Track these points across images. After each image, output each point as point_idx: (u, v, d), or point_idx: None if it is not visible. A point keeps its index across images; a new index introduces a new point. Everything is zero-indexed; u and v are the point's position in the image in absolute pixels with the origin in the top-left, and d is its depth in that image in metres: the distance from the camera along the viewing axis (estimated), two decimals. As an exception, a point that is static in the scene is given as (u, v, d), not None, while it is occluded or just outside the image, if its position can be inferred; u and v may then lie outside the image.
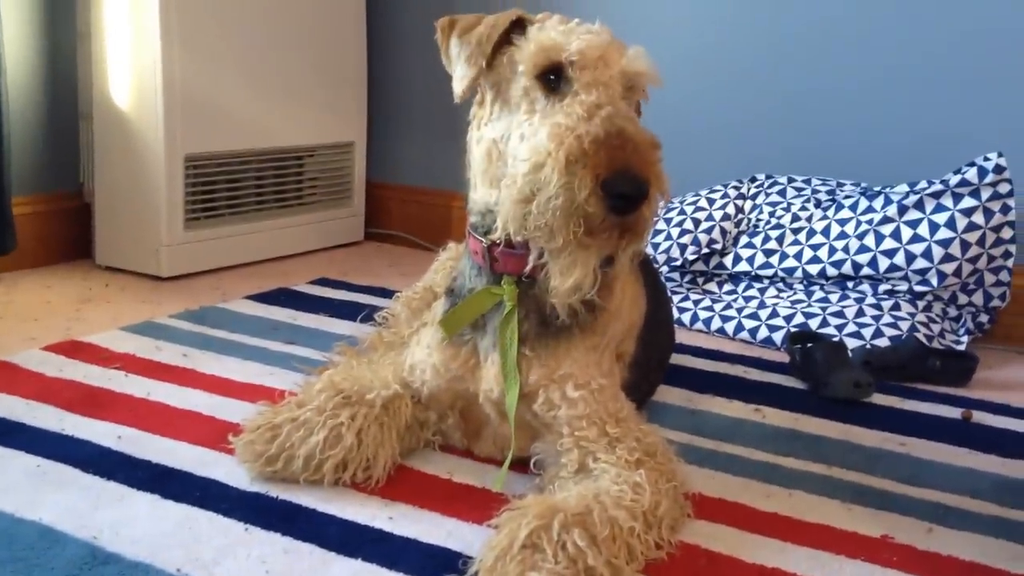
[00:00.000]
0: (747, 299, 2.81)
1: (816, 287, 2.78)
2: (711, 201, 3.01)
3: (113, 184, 3.07)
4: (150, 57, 2.91)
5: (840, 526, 1.63)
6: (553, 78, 1.50)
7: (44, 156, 3.14)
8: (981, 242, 2.60)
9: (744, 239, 2.92)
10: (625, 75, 1.51)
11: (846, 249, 2.71)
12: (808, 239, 2.79)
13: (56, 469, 1.68)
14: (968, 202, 2.59)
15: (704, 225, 2.95)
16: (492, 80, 1.61)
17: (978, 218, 2.59)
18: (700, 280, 3.00)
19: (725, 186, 3.05)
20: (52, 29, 3.09)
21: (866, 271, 2.69)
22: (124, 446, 1.78)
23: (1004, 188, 2.58)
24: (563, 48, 1.49)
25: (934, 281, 2.62)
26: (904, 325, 2.56)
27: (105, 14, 2.97)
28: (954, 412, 2.20)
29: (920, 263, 2.62)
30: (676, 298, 2.86)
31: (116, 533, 1.48)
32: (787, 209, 2.90)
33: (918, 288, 2.65)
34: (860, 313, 2.61)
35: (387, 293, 2.89)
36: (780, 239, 2.85)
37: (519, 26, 1.59)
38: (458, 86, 1.60)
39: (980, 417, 2.19)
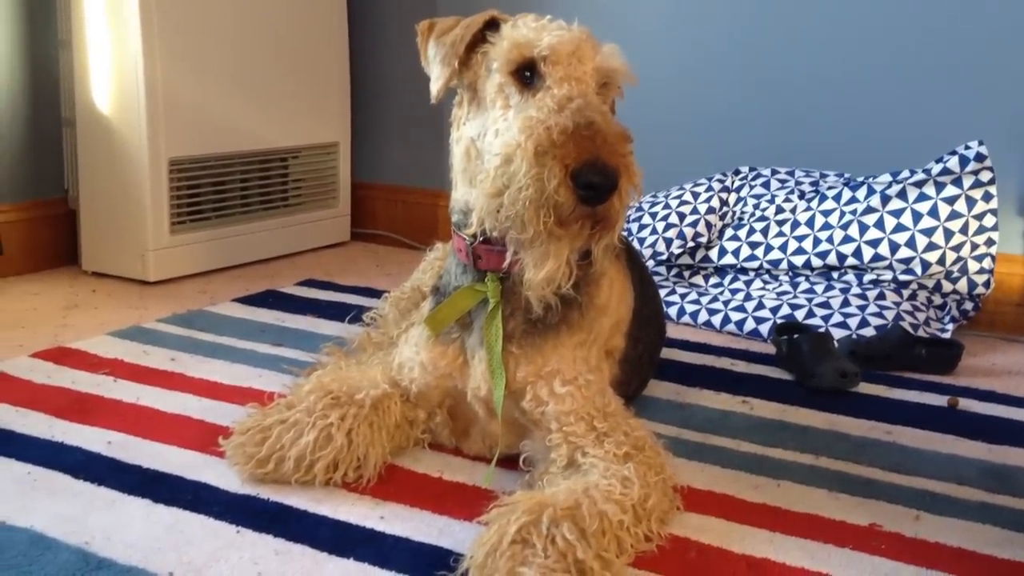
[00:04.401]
0: (733, 291, 2.82)
1: (801, 278, 2.79)
2: (695, 195, 3.02)
3: (98, 190, 3.07)
4: (132, 63, 2.91)
5: (828, 515, 1.64)
6: (528, 74, 1.52)
7: (28, 163, 3.13)
8: (964, 230, 2.62)
9: (729, 232, 2.94)
10: (599, 71, 1.53)
11: (830, 240, 2.73)
12: (792, 230, 2.81)
13: (47, 476, 1.68)
14: (951, 191, 2.62)
15: (689, 219, 2.97)
16: (468, 80, 1.63)
17: (960, 206, 2.61)
18: (686, 274, 3.01)
19: (709, 179, 3.07)
20: (33, 38, 3.09)
21: (851, 261, 2.70)
22: (114, 451, 1.78)
23: (986, 176, 2.60)
24: (535, 44, 1.50)
25: (918, 270, 2.64)
26: (889, 314, 2.58)
27: (86, 21, 2.96)
28: (940, 400, 2.22)
29: (904, 252, 2.64)
30: (662, 292, 2.87)
31: (108, 538, 1.48)
32: (771, 201, 2.91)
33: (902, 277, 2.66)
34: (846, 303, 2.62)
35: (374, 293, 2.90)
36: (765, 231, 2.86)
37: (494, 26, 1.61)
38: (434, 87, 1.62)
39: (966, 404, 2.20)
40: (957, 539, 1.58)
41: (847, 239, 2.70)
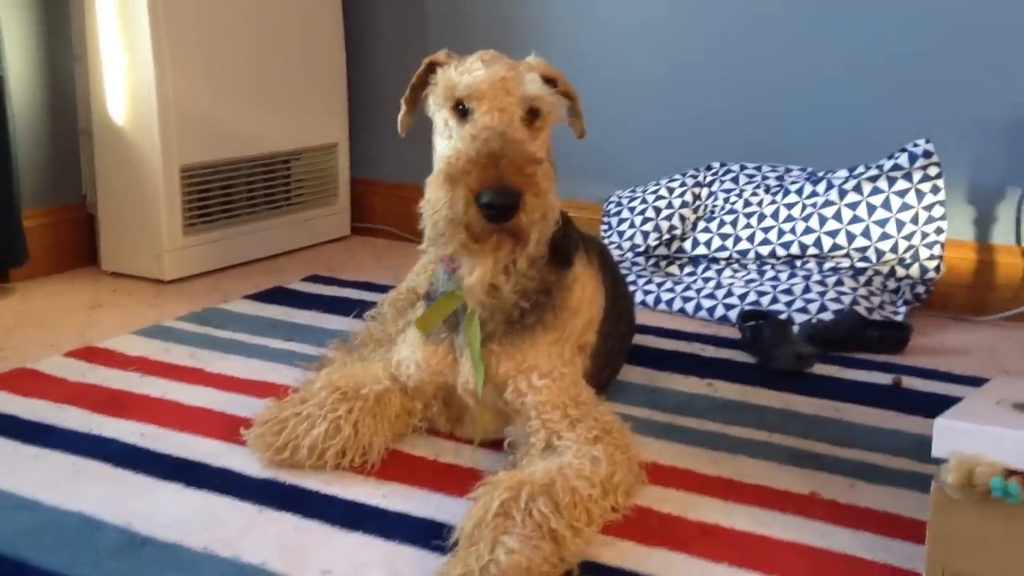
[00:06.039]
0: (705, 280, 3.03)
1: (767, 267, 3.00)
2: (671, 190, 3.23)
3: (115, 195, 3.25)
4: (144, 76, 3.09)
5: (775, 485, 1.83)
6: (463, 108, 1.74)
7: (48, 171, 3.30)
8: (915, 220, 2.83)
9: (702, 224, 3.15)
10: (523, 100, 1.73)
11: (793, 231, 2.95)
12: (759, 223, 3.02)
13: (89, 465, 1.84)
14: (901, 184, 2.83)
15: (665, 212, 3.18)
16: (430, 113, 1.86)
17: (911, 199, 2.82)
18: (662, 264, 3.22)
19: (683, 175, 3.27)
20: (51, 54, 3.26)
21: (812, 251, 2.92)
22: (147, 442, 1.95)
23: (933, 171, 2.81)
24: (456, 86, 1.73)
25: (873, 257, 2.85)
26: (847, 299, 2.77)
27: (100, 38, 3.14)
28: (887, 379, 2.40)
29: (860, 242, 2.85)
30: (640, 281, 3.08)
31: (148, 519, 1.65)
32: (740, 195, 3.12)
33: (859, 264, 2.88)
34: (807, 290, 2.83)
35: (374, 287, 3.07)
36: (734, 223, 3.07)
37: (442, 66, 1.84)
38: (399, 123, 1.91)
39: (910, 382, 2.38)
40: (888, 505, 1.75)
41: (808, 230, 2.92)
